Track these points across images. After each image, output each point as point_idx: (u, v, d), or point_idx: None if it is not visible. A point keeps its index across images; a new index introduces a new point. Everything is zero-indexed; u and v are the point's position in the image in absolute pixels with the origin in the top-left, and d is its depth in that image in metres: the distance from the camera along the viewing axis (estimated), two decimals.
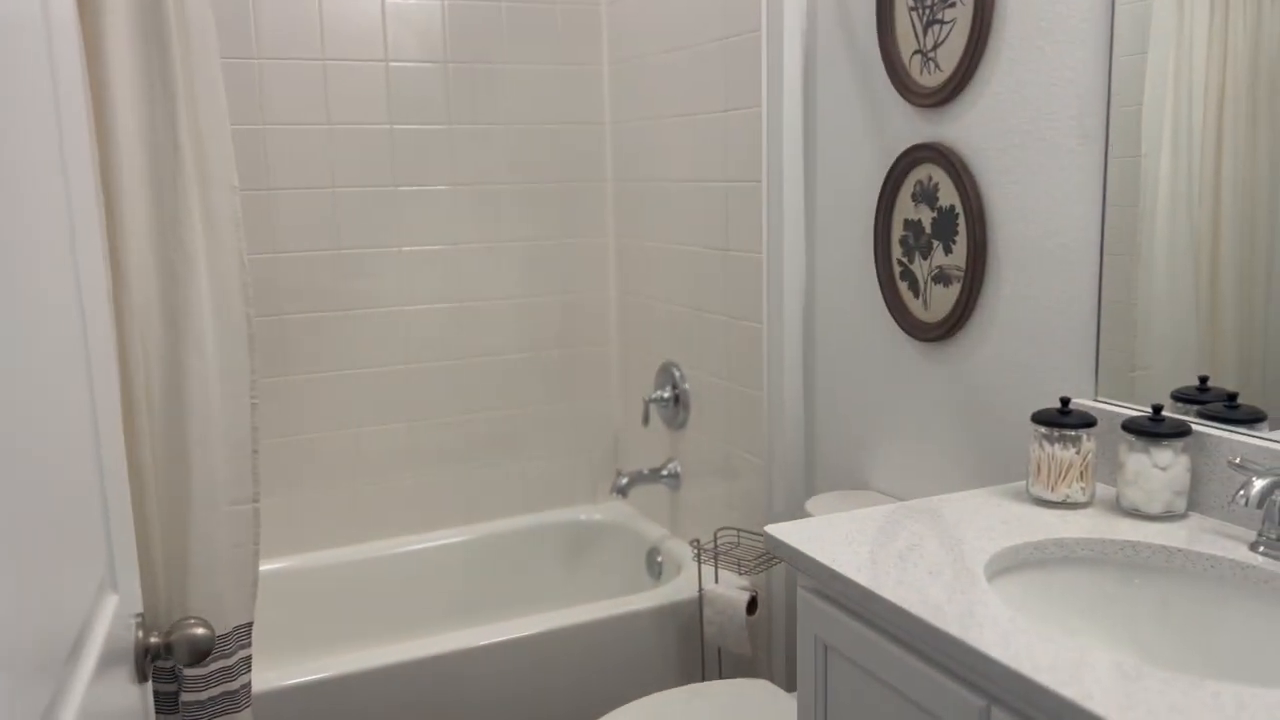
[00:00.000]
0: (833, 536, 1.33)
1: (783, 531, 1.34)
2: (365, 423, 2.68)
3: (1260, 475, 1.17)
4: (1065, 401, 1.44)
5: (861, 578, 1.20)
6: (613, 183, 2.87)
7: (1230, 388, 1.39)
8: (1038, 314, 1.62)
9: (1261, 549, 1.22)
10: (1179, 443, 1.34)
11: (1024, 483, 1.50)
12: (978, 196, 1.70)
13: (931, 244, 1.82)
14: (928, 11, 1.76)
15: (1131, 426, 1.37)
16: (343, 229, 2.60)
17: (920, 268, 1.85)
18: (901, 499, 1.95)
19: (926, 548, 1.29)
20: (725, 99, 2.30)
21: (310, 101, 2.52)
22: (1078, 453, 1.40)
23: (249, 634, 1.93)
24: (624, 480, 2.67)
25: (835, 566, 1.23)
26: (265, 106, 2.47)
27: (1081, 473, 1.40)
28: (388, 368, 2.69)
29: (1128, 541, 1.29)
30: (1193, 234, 1.44)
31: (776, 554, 1.33)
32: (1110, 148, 1.48)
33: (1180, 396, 1.46)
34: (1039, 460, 1.42)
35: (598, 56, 2.82)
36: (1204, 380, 1.45)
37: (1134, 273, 1.49)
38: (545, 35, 2.75)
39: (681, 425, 2.63)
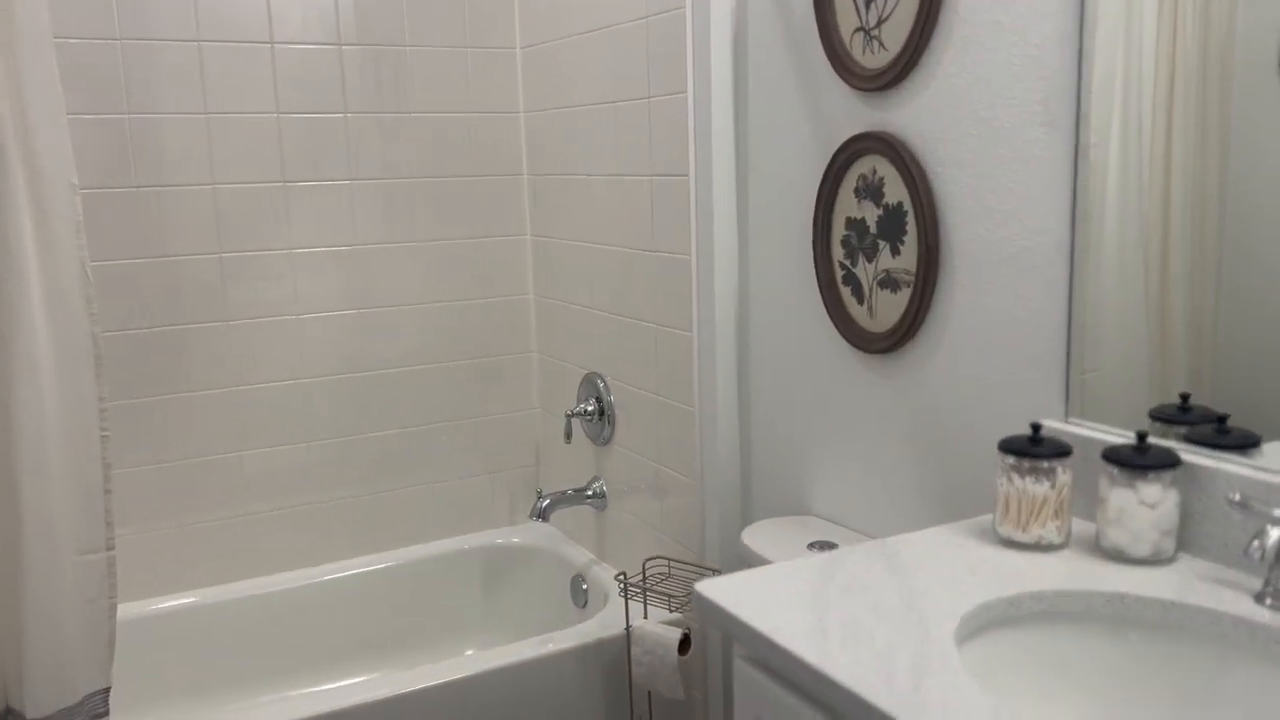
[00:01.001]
0: (773, 594, 1.13)
1: (715, 591, 1.14)
2: (254, 444, 2.41)
3: (1275, 522, 0.99)
4: (1036, 428, 1.25)
5: (810, 653, 0.99)
6: (529, 176, 2.64)
7: (1210, 405, 1.22)
8: (999, 324, 1.44)
9: (1269, 600, 1.05)
10: (1167, 475, 1.16)
11: (989, 518, 1.31)
12: (929, 192, 1.51)
13: (877, 245, 1.63)
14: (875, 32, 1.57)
15: (1114, 457, 1.19)
16: (225, 230, 2.32)
17: (865, 271, 1.66)
18: (847, 527, 1.77)
19: (885, 606, 1.09)
20: (649, 84, 2.08)
21: (184, 87, 2.24)
22: (1052, 487, 1.21)
23: (105, 701, 1.67)
24: (545, 502, 2.44)
25: (778, 638, 1.02)
26: (131, 93, 2.19)
27: (1057, 510, 1.22)
28: (279, 382, 2.42)
29: (1115, 593, 1.11)
30: (1142, 229, 1.28)
31: (708, 620, 1.12)
32: (1081, 137, 1.30)
33: (1160, 416, 1.29)
34: (1007, 496, 1.24)
35: (510, 38, 2.58)
36: (1185, 398, 1.28)
37: (1084, 274, 1.32)
38: (453, 15, 2.50)
39: (607, 441, 2.41)
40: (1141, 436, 1.20)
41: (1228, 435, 1.21)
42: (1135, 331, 1.32)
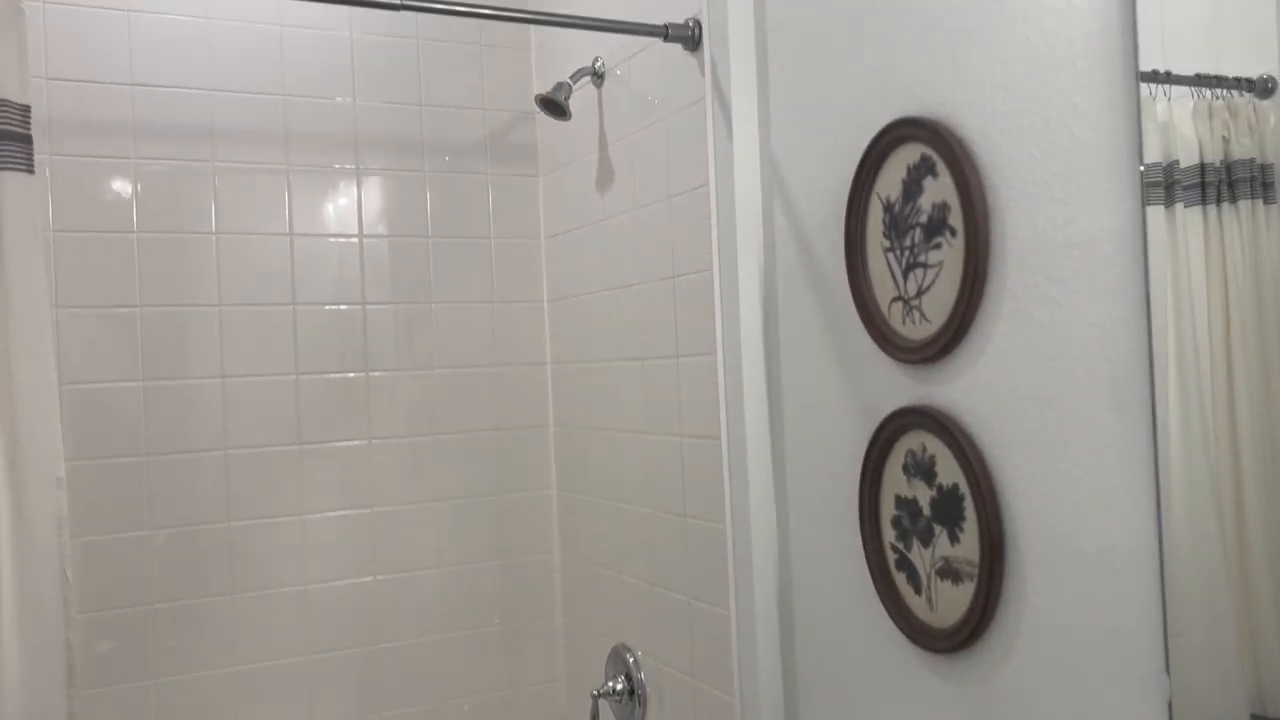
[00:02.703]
0: None
1: None
2: None
3: None
4: None
5: None
6: (554, 429, 2.54)
7: None
8: (1079, 631, 1.24)
9: None
10: None
11: None
12: (987, 476, 1.36)
13: (932, 529, 1.46)
14: (907, 254, 1.48)
15: None
16: (236, 498, 2.21)
17: (920, 557, 1.49)
18: None
19: None
20: (677, 344, 1.99)
21: (202, 352, 2.19)
22: None
23: None
24: None
25: None
26: (145, 362, 2.14)
27: None
28: (284, 660, 2.23)
29: None
30: (1214, 488, 1.11)
31: None
32: (1159, 426, 1.15)
33: None
34: None
35: (537, 292, 2.54)
36: None
37: (1175, 574, 1.14)
38: (480, 269, 2.48)
39: None
40: None
41: None
42: (1225, 634, 1.13)
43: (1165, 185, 1.15)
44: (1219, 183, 1.13)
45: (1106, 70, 1.19)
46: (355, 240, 2.35)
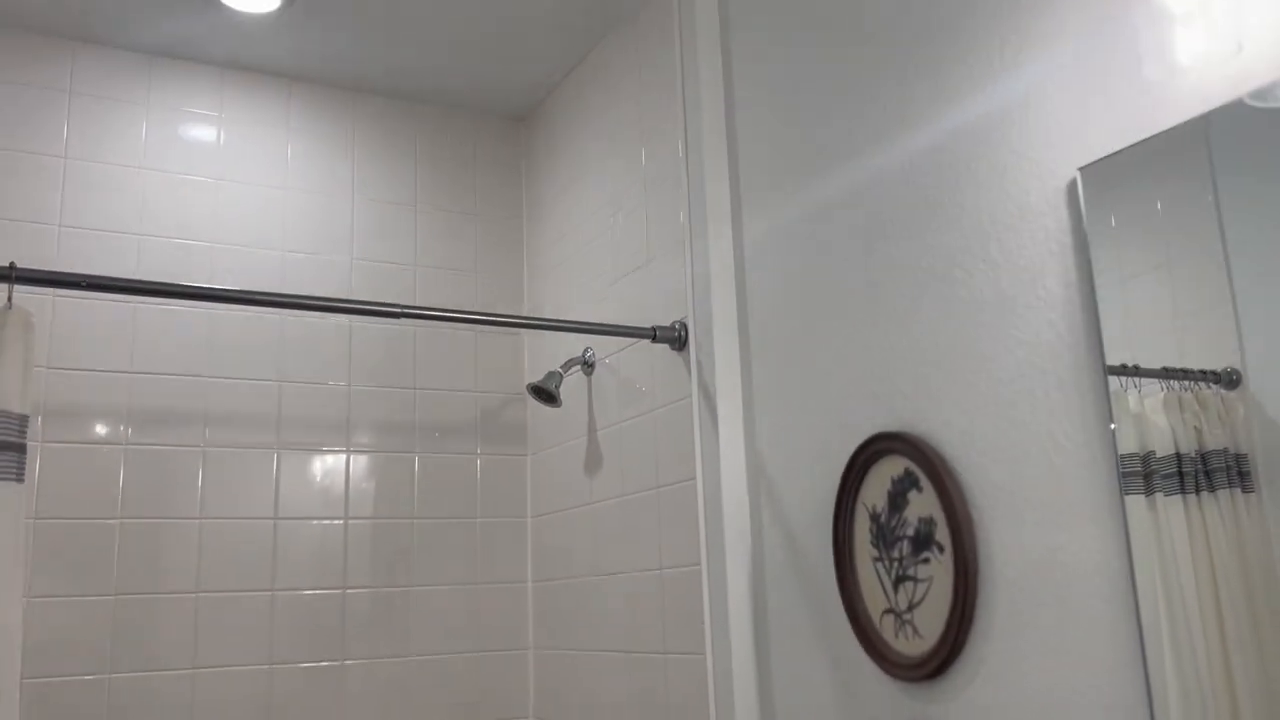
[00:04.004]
0: None
1: None
2: None
3: None
4: None
5: None
6: (533, 719, 2.42)
7: None
8: None
9: None
10: None
11: None
12: None
13: None
14: (896, 565, 1.47)
15: None
16: None
17: None
18: None
19: None
20: (664, 639, 1.94)
21: (175, 642, 2.12)
22: None
23: None
24: None
25: None
26: (116, 651, 2.06)
27: None
28: None
29: None
30: None
31: None
32: None
33: None
34: None
35: (522, 574, 2.51)
36: None
37: None
38: (463, 552, 2.45)
39: None
40: None
41: None
42: None
43: (1144, 474, 1.16)
44: (1196, 472, 1.14)
45: (1080, 398, 1.23)
46: (340, 523, 2.33)
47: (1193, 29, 1.05)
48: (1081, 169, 1.23)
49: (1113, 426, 1.19)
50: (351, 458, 2.38)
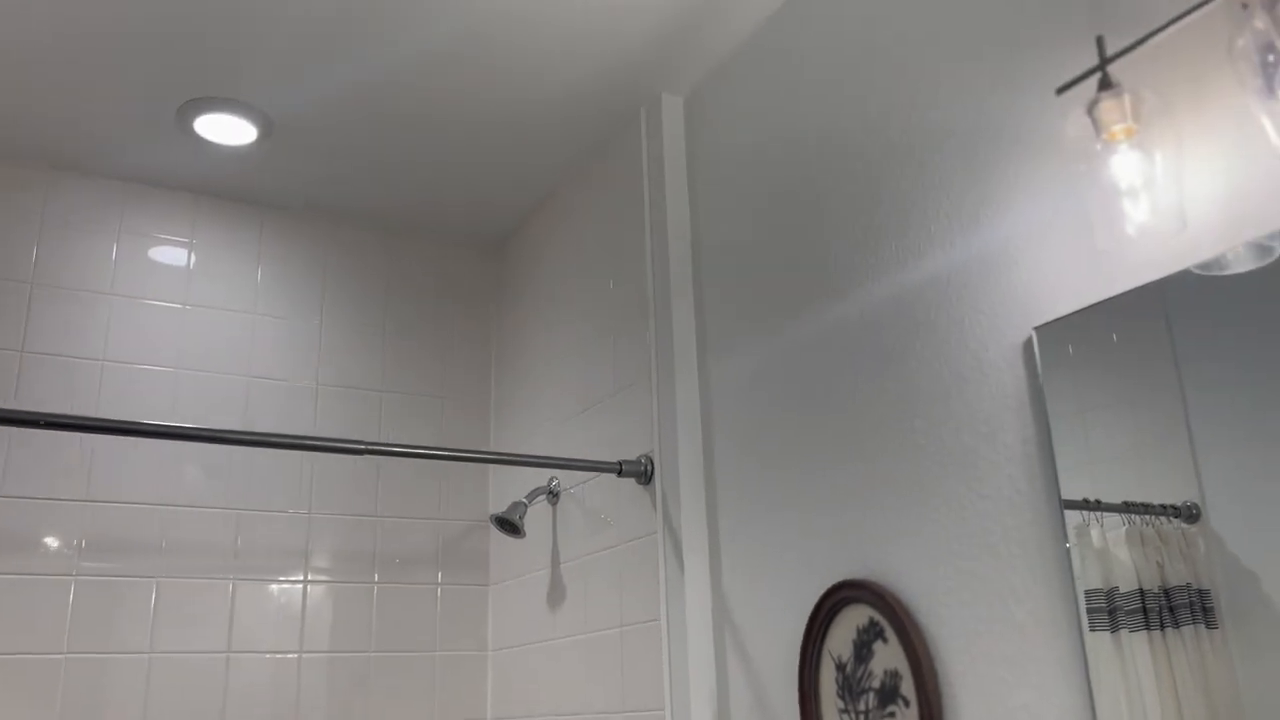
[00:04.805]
0: None
1: None
2: None
3: None
4: None
5: None
6: None
7: None
8: None
9: None
10: None
11: None
12: None
13: None
14: (862, 718, 1.45)
15: None
16: None
17: None
18: None
19: None
20: None
21: None
22: None
23: None
24: None
25: None
26: None
27: None
28: None
29: None
30: None
31: None
32: None
33: None
34: None
35: (481, 712, 2.42)
36: None
37: None
38: (420, 689, 2.37)
39: None
40: None
41: None
42: None
43: (1108, 610, 1.15)
44: (1160, 608, 1.13)
45: (1040, 553, 1.23)
46: (295, 656, 2.26)
47: (1138, 204, 1.09)
48: (1037, 328, 1.26)
49: (1076, 565, 1.18)
50: (309, 587, 2.32)
